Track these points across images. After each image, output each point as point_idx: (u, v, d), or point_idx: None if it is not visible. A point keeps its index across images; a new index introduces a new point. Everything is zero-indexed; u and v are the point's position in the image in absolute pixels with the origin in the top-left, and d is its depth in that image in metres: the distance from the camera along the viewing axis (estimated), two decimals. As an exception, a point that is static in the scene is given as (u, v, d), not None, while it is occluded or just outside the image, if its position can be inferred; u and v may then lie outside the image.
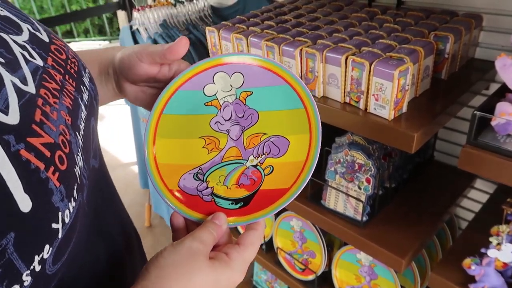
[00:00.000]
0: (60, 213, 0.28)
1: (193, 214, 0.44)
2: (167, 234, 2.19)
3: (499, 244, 0.76)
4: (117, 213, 0.48)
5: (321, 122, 0.44)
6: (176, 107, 0.43)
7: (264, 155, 0.44)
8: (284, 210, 1.24)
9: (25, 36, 0.34)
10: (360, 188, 0.93)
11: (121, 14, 3.55)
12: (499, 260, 0.76)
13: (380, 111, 0.76)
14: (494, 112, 0.66)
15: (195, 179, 0.44)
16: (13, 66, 0.30)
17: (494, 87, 0.98)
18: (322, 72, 0.83)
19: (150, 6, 1.40)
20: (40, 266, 0.26)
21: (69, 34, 4.74)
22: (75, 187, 0.30)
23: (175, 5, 1.45)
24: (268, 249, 1.33)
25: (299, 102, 0.43)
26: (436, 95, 0.85)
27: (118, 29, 4.38)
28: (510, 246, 0.75)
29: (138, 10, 1.39)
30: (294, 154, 0.44)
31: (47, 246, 0.27)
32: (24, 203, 0.25)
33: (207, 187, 0.44)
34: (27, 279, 0.25)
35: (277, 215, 1.26)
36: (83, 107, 0.37)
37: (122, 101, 0.67)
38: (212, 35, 1.04)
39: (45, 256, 0.27)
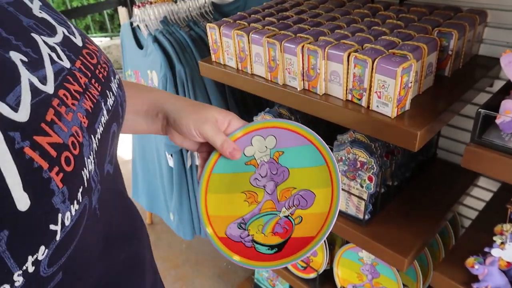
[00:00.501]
0: (60, 215, 0.27)
1: (236, 257, 0.51)
2: (168, 232, 2.19)
3: (503, 243, 0.75)
4: (131, 223, 0.47)
5: (323, 119, 0.46)
6: (222, 167, 0.52)
7: (294, 207, 0.52)
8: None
9: (58, 38, 0.35)
10: (362, 186, 0.92)
11: (122, 11, 3.54)
12: (502, 260, 0.75)
13: (383, 108, 0.75)
14: (498, 110, 0.65)
15: (239, 228, 0.52)
16: (35, 65, 0.30)
17: (498, 84, 0.96)
18: (324, 69, 0.82)
19: (151, 3, 1.39)
20: (33, 268, 0.26)
21: (70, 30, 4.73)
22: (80, 189, 0.30)
23: (175, 2, 1.44)
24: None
25: (322, 159, 0.51)
26: (440, 93, 0.84)
27: (119, 25, 4.36)
28: (514, 246, 0.74)
29: (139, 6, 1.38)
30: (319, 206, 0.51)
31: (42, 247, 0.26)
32: (22, 201, 0.25)
33: (248, 235, 0.52)
34: (18, 279, 0.24)
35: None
36: (105, 112, 0.37)
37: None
38: (213, 32, 1.03)
39: (40, 257, 0.26)
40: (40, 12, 0.36)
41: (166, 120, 0.54)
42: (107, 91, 0.38)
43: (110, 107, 0.38)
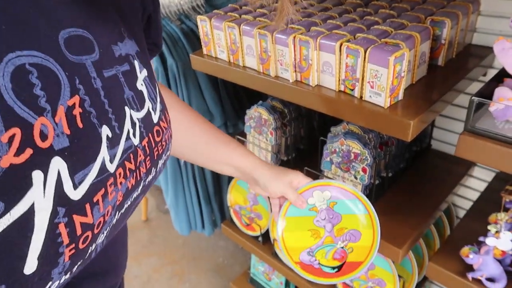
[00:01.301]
0: (50, 282, 0.28)
1: (308, 275, 0.70)
2: (164, 227, 2.19)
3: (497, 232, 0.75)
4: (111, 264, 0.47)
5: (316, 111, 0.48)
6: (293, 212, 0.72)
7: (347, 241, 0.71)
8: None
9: (142, 113, 0.36)
10: (356, 178, 0.91)
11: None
12: (497, 249, 0.75)
13: (376, 98, 0.74)
14: (492, 98, 0.64)
15: (308, 255, 0.71)
16: (114, 142, 0.31)
17: (492, 74, 0.95)
18: (316, 60, 0.81)
19: (141, -4, 1.37)
20: None
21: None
22: (80, 262, 0.30)
23: (166, -5, 1.42)
24: (264, 240, 1.31)
25: (365, 209, 0.71)
26: (433, 82, 0.83)
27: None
28: (509, 234, 0.74)
29: (129, 0, 1.36)
30: (364, 241, 0.70)
31: None
32: (30, 266, 0.25)
33: (315, 260, 0.71)
34: None
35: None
36: (140, 188, 0.37)
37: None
38: (204, 24, 1.01)
39: None
40: (142, 85, 0.37)
41: (254, 181, 0.71)
42: (153, 168, 0.39)
43: (146, 183, 0.38)
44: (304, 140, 1.19)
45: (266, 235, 1.31)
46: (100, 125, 0.29)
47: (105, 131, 0.30)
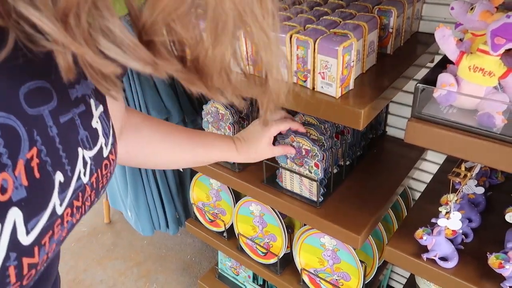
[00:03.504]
0: None
1: None
2: (127, 229, 2.13)
3: (447, 212, 0.78)
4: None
5: None
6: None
7: None
8: (242, 195, 1.22)
9: (94, 151, 0.36)
10: (311, 172, 0.92)
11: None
12: (448, 229, 0.78)
13: (327, 89, 0.75)
14: (436, 84, 0.66)
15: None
16: (65, 185, 0.32)
17: (438, 60, 0.99)
18: (268, 52, 0.80)
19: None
20: None
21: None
22: None
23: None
24: (229, 236, 1.31)
25: None
26: (383, 70, 0.85)
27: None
28: (458, 214, 0.77)
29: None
30: None
31: None
32: None
33: None
34: None
35: (236, 201, 1.24)
36: (80, 219, 0.37)
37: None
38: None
39: None
40: (97, 122, 0.37)
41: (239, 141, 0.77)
42: (95, 199, 0.39)
43: (84, 212, 0.38)
44: (263, 133, 1.18)
45: (230, 230, 1.30)
46: (54, 172, 0.30)
47: (58, 177, 0.31)
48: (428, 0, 0.98)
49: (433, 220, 0.80)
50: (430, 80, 0.68)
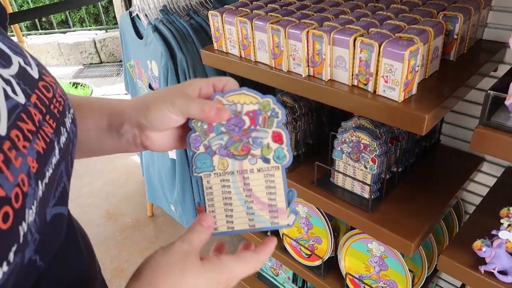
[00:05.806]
0: None
1: None
2: (169, 223, 2.19)
3: (510, 225, 0.76)
4: (81, 271, 0.43)
5: (325, 106, 0.45)
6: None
7: None
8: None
9: (13, 69, 0.33)
10: (366, 168, 0.92)
11: (117, 2, 3.49)
12: (510, 242, 0.76)
13: (390, 93, 0.75)
14: (507, 92, 0.65)
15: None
16: None
17: (502, 69, 0.96)
18: (330, 55, 0.81)
19: (149, -8, 1.37)
20: None
21: (64, 23, 4.68)
22: (14, 248, 0.27)
23: (174, -9, 1.42)
24: (272, 234, 1.32)
25: None
26: (445, 77, 0.83)
27: (115, 17, 4.32)
28: (521, 228, 0.75)
29: (137, -4, 1.37)
30: None
31: None
32: None
33: None
34: None
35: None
36: (57, 151, 0.34)
37: (123, 89, 0.66)
38: (215, 19, 1.02)
39: None
40: None
41: (137, 128, 0.47)
42: (61, 127, 0.35)
43: (62, 146, 0.35)
44: (313, 135, 1.19)
45: (275, 230, 1.32)
46: None
47: None
48: (495, 7, 0.95)
49: (493, 232, 0.77)
50: (499, 88, 0.67)
